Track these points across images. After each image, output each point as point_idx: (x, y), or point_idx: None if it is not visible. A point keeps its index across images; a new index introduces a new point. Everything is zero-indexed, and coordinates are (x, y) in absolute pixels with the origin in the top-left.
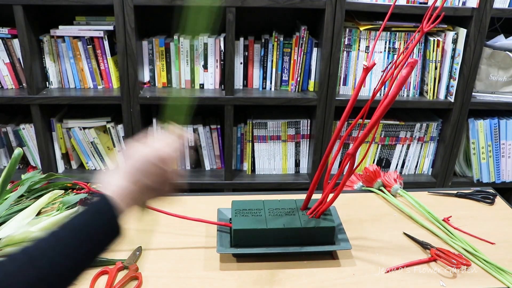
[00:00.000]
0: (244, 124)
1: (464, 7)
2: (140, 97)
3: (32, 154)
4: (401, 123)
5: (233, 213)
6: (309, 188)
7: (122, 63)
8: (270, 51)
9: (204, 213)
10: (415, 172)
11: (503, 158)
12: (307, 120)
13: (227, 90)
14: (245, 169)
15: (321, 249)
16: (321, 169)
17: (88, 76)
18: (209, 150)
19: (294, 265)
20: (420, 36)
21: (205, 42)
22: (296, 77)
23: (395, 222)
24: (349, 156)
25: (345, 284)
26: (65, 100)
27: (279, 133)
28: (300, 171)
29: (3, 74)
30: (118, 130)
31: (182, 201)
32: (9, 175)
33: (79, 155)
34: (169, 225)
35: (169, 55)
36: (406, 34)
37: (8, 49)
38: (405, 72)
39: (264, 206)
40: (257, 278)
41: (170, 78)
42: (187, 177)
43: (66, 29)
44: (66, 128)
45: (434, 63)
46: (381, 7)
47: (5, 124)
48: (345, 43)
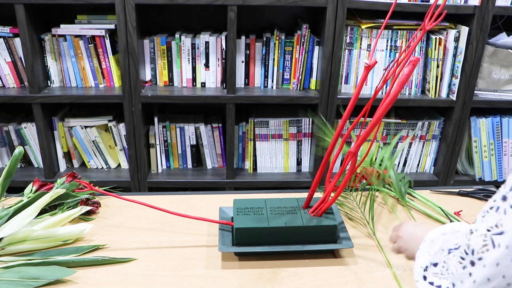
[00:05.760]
0: (246, 122)
1: (466, 5)
2: (141, 96)
3: (34, 153)
4: (403, 122)
5: (235, 211)
6: (311, 186)
7: (124, 62)
8: (271, 49)
9: (206, 211)
10: (417, 170)
11: (505, 156)
12: (309, 118)
13: (228, 89)
14: (246, 168)
15: (323, 247)
16: (323, 168)
17: (90, 75)
18: (210, 148)
19: (296, 263)
20: (422, 34)
21: (207, 41)
22: (298, 75)
23: (397, 220)
24: (351, 155)
25: (347, 282)
26: (67, 99)
27: (280, 132)
28: (302, 170)
29: (4, 73)
30: (119, 129)
31: (184, 199)
32: (10, 173)
33: (80, 154)
34: (171, 223)
35: (171, 53)
36: (408, 32)
37: (10, 48)
38: (407, 71)
39: (266, 204)
40: (258, 277)
41: (171, 77)
42: (189, 175)
43: (67, 28)
44: (68, 127)
45: (436, 61)
46: (383, 5)
47: (7, 123)
48: (346, 41)
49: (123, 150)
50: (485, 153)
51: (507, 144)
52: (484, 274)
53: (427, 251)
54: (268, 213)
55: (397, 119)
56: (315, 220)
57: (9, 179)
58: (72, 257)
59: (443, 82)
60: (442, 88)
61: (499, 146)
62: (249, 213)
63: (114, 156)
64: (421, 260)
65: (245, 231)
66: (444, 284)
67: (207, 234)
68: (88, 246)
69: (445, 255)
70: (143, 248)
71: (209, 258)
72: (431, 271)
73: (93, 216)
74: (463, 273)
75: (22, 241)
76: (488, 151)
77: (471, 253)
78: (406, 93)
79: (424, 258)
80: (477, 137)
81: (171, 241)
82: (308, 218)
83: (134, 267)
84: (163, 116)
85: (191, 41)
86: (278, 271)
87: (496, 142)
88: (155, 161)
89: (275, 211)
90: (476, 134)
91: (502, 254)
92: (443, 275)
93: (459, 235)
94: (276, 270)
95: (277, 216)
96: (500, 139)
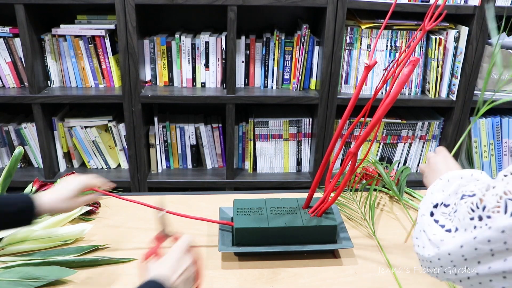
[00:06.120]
0: (246, 122)
1: (466, 5)
2: (141, 96)
3: (33, 153)
4: (403, 122)
5: (235, 211)
6: (311, 186)
7: (124, 62)
8: (271, 49)
9: (206, 211)
10: (417, 170)
11: (505, 157)
12: (309, 118)
13: (228, 89)
14: (246, 168)
15: (323, 247)
16: (323, 168)
17: (90, 75)
18: (210, 149)
19: (295, 263)
20: (422, 35)
21: (207, 41)
22: (298, 75)
23: (397, 221)
24: (351, 155)
25: (347, 282)
26: (67, 99)
27: (280, 132)
28: (302, 170)
29: (4, 73)
30: (119, 129)
31: (184, 199)
32: (10, 173)
33: (80, 154)
34: (171, 224)
35: (171, 53)
36: (408, 33)
37: (10, 48)
38: (407, 71)
39: (266, 204)
40: (258, 277)
41: (171, 77)
42: (189, 175)
43: (67, 28)
44: (68, 127)
45: (436, 62)
46: (383, 5)
47: (6, 123)
48: (346, 41)
49: (123, 150)
50: (485, 153)
51: (507, 144)
52: (487, 235)
53: (441, 190)
54: (268, 213)
55: (397, 119)
56: (315, 220)
57: (9, 179)
58: (72, 257)
59: (443, 82)
60: (442, 88)
61: (499, 146)
62: (249, 213)
63: (114, 156)
64: (434, 196)
65: (245, 231)
66: (447, 225)
67: (207, 234)
68: (88, 246)
69: (457, 199)
70: (143, 248)
71: (209, 258)
72: (441, 210)
73: (93, 216)
74: (468, 224)
75: (22, 241)
76: (488, 151)
77: (482, 208)
78: (406, 93)
79: (437, 196)
80: (477, 137)
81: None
82: (308, 218)
83: (134, 267)
84: (163, 116)
85: (191, 41)
86: (278, 271)
87: (496, 142)
88: (155, 161)
89: (275, 211)
90: (476, 134)
91: (510, 223)
92: (450, 216)
93: (478, 184)
94: (276, 270)
95: (277, 216)
96: (500, 139)
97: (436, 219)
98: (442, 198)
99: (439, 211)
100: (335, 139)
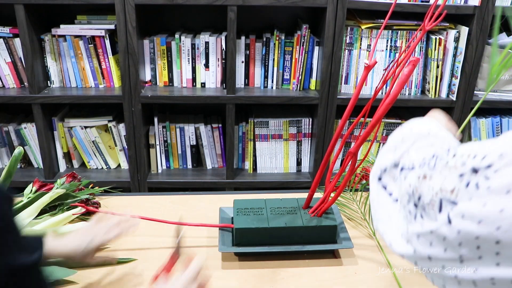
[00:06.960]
0: (246, 123)
1: (466, 5)
2: (141, 96)
3: (33, 153)
4: (403, 122)
5: (235, 212)
6: (311, 187)
7: (124, 62)
8: (271, 49)
9: (205, 212)
10: None
11: None
12: (309, 118)
13: (228, 89)
14: (246, 168)
15: (323, 247)
16: (323, 168)
17: (90, 75)
18: (210, 149)
19: (296, 263)
20: (422, 35)
21: (207, 41)
22: (298, 75)
23: None
24: (351, 155)
25: (347, 282)
26: (67, 99)
27: (280, 132)
28: (302, 170)
29: (4, 73)
30: (119, 129)
31: (184, 200)
32: (10, 174)
33: (80, 154)
34: (171, 225)
35: (171, 54)
36: (408, 33)
37: (10, 48)
38: (407, 71)
39: (266, 205)
40: (259, 277)
41: (171, 77)
42: (189, 176)
43: (67, 28)
44: (68, 127)
45: (436, 62)
46: (383, 5)
47: (6, 123)
48: (346, 41)
49: (123, 151)
50: None
51: None
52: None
53: (393, 150)
54: (268, 213)
55: (397, 119)
56: (315, 220)
57: (9, 179)
58: None
59: (443, 82)
60: (442, 88)
61: None
62: (249, 214)
63: (114, 156)
64: (383, 160)
65: (245, 232)
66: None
67: (207, 235)
68: None
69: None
70: (143, 248)
71: (209, 259)
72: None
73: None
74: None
75: None
76: None
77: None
78: (406, 93)
79: (387, 158)
80: (477, 137)
81: (171, 241)
82: (308, 219)
83: (134, 267)
84: (163, 116)
85: (191, 41)
86: (278, 271)
87: None
88: (155, 161)
89: (275, 212)
90: (476, 134)
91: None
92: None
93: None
94: (276, 270)
95: (277, 217)
96: None
97: (384, 185)
98: (392, 159)
99: (388, 175)
100: (335, 139)
